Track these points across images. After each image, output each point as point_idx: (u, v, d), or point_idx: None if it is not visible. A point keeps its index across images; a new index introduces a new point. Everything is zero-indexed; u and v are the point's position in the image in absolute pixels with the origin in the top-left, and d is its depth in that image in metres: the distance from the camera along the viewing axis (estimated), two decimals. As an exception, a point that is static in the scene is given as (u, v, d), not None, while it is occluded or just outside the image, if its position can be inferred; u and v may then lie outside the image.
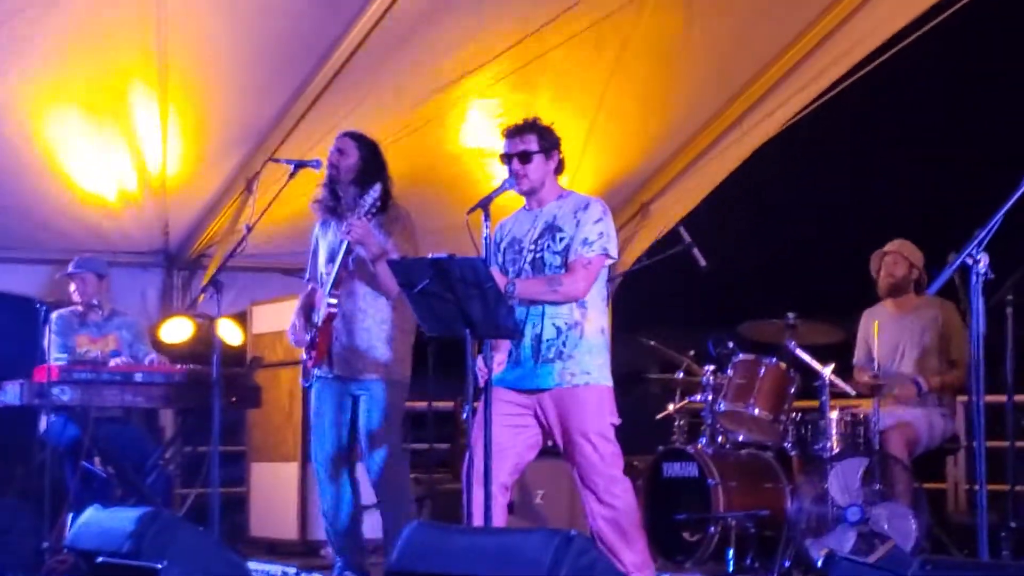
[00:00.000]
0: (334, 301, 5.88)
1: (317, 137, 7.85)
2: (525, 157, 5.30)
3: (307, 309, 6.07)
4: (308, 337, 5.99)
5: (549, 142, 5.35)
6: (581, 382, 5.22)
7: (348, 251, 5.89)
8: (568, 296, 5.21)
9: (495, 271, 5.00)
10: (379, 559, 6.23)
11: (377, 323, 5.98)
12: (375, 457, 5.96)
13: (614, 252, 5.29)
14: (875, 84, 8.14)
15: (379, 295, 5.96)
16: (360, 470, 6.16)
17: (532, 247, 5.31)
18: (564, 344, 5.22)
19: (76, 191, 7.98)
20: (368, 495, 6.19)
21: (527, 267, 5.31)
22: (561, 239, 5.25)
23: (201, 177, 8.20)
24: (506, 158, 5.36)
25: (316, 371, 6.03)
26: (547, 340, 5.23)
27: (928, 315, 6.97)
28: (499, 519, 5.11)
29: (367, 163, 6.01)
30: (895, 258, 7.04)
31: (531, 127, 5.35)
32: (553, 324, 5.24)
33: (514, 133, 5.37)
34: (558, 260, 5.26)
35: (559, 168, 5.42)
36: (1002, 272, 5.26)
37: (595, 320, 5.28)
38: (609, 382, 5.30)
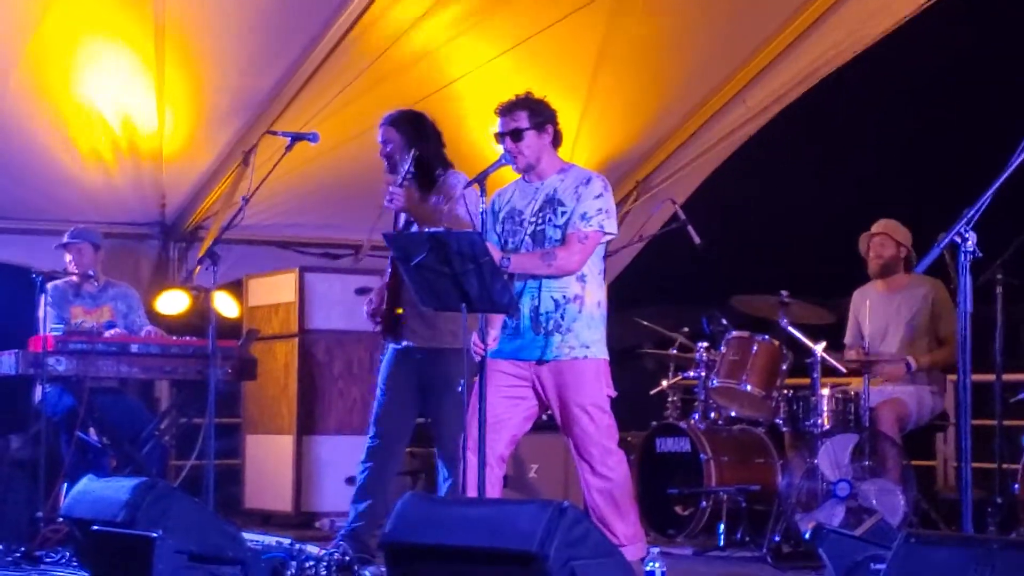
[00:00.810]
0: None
1: (314, 110, 7.88)
2: (517, 135, 5.30)
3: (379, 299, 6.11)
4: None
5: (541, 116, 5.33)
6: (580, 355, 5.25)
7: (408, 222, 5.91)
8: (562, 270, 5.23)
9: (490, 246, 5.02)
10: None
11: None
12: (447, 443, 5.92)
13: (612, 228, 5.30)
14: (873, 62, 8.16)
15: None
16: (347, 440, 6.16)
17: (533, 219, 5.31)
18: (563, 317, 5.25)
19: (72, 162, 8.00)
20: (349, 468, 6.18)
21: (527, 239, 5.31)
22: (563, 213, 5.26)
23: (198, 149, 8.22)
24: (499, 137, 5.35)
25: (389, 343, 6.06)
26: (545, 312, 5.25)
27: (918, 293, 7.00)
28: (495, 490, 5.16)
29: (410, 140, 5.94)
30: (882, 239, 7.07)
31: (521, 103, 5.33)
32: (552, 297, 5.26)
33: (505, 111, 5.36)
34: (559, 234, 5.26)
35: (556, 141, 5.41)
36: (992, 251, 5.32)
37: (594, 294, 5.31)
38: (606, 355, 5.34)
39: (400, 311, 5.94)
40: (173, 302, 8.17)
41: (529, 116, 5.32)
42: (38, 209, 8.19)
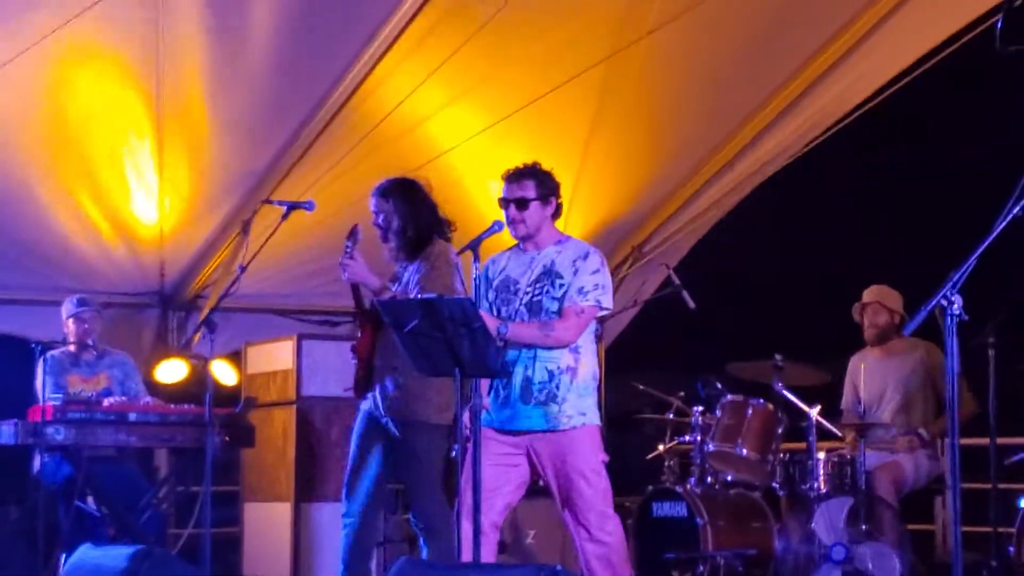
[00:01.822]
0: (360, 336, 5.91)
1: (311, 180, 7.96)
2: (522, 204, 5.33)
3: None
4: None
5: (547, 188, 5.37)
6: (578, 423, 5.28)
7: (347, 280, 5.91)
8: (559, 342, 5.27)
9: (485, 313, 5.06)
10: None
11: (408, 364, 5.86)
12: (418, 509, 5.92)
13: (608, 304, 5.33)
14: (867, 125, 8.25)
15: None
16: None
17: (530, 289, 5.34)
18: (557, 387, 5.27)
19: (73, 233, 8.06)
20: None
21: (523, 309, 5.33)
22: (561, 286, 5.30)
23: (197, 219, 8.28)
24: (504, 203, 5.40)
25: (362, 404, 6.04)
26: (539, 383, 5.28)
27: (914, 357, 7.05)
28: (490, 557, 5.17)
29: (403, 214, 5.95)
30: (875, 308, 7.15)
31: (529, 173, 5.38)
32: (546, 368, 5.29)
33: (513, 178, 5.39)
34: (555, 306, 5.29)
35: (556, 213, 5.46)
36: (983, 314, 5.37)
37: (587, 364, 5.35)
38: (599, 421, 5.38)
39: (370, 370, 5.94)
40: (172, 371, 8.20)
41: (536, 186, 5.36)
42: (39, 280, 8.24)
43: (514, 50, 7.68)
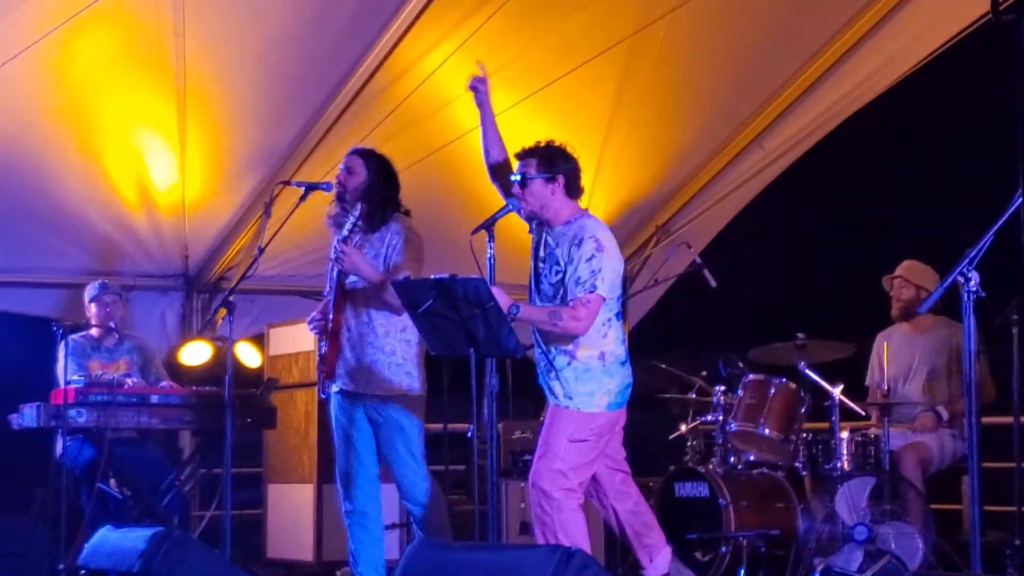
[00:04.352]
0: (332, 316, 5.89)
1: (334, 161, 7.89)
2: (524, 181, 5.37)
3: (323, 316, 6.06)
4: (319, 352, 6.02)
5: (550, 165, 5.38)
6: (562, 404, 5.39)
7: (342, 271, 5.92)
8: (567, 331, 5.31)
9: (498, 291, 5.05)
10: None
11: (384, 338, 5.91)
12: (404, 481, 5.96)
13: (604, 291, 5.29)
14: (891, 105, 8.17)
15: (386, 310, 5.90)
16: (385, 490, 6.17)
17: (537, 264, 5.44)
18: (556, 373, 5.39)
19: (96, 216, 8.08)
20: (388, 514, 6.21)
21: (532, 279, 5.47)
22: (557, 272, 5.34)
23: (219, 201, 8.29)
24: (513, 182, 5.42)
25: (331, 385, 6.05)
26: (541, 372, 5.41)
27: (940, 335, 7.00)
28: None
29: (374, 180, 5.97)
30: (902, 282, 7.09)
31: (533, 151, 5.41)
32: (544, 353, 5.44)
33: (519, 157, 5.47)
34: (551, 291, 5.38)
35: (569, 191, 5.43)
36: (1007, 292, 5.30)
37: (588, 348, 5.36)
38: (591, 408, 5.38)
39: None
40: (196, 353, 8.21)
41: (538, 164, 5.38)
42: (62, 262, 8.27)
43: (538, 30, 7.66)
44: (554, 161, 5.40)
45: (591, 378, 5.34)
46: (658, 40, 7.79)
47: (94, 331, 7.37)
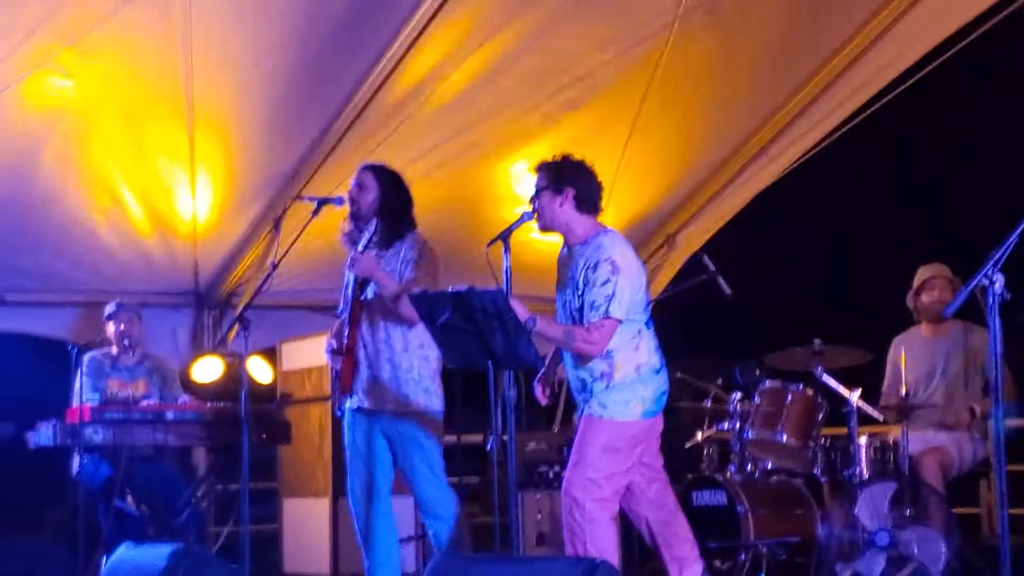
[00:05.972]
0: (347, 332, 5.87)
1: (343, 175, 7.89)
2: (536, 193, 5.37)
3: (339, 340, 6.05)
4: (335, 369, 6.00)
5: (558, 179, 5.34)
6: (596, 414, 5.36)
7: (361, 284, 5.90)
8: (581, 352, 5.30)
9: (516, 303, 5.03)
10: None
11: (401, 354, 5.89)
12: (424, 496, 5.93)
13: (620, 314, 5.25)
14: (900, 108, 8.15)
15: (403, 325, 5.89)
16: (400, 503, 6.16)
17: (561, 284, 5.46)
18: (591, 393, 5.38)
19: (108, 234, 8.07)
20: (403, 528, 6.18)
21: (558, 304, 5.46)
22: (578, 295, 5.33)
23: (230, 217, 8.28)
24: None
25: (347, 401, 6.03)
26: (575, 390, 5.40)
27: (958, 337, 6.97)
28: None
29: (387, 196, 5.96)
30: (943, 283, 7.03)
31: (544, 164, 5.41)
32: (579, 377, 5.37)
33: (536, 170, 5.44)
34: (568, 312, 5.40)
35: (580, 206, 5.39)
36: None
37: (624, 366, 5.34)
38: (626, 417, 5.36)
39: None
40: (208, 369, 8.20)
41: (546, 177, 5.36)
42: (74, 282, 8.26)
43: (547, 46, 7.61)
44: (562, 174, 5.36)
45: (626, 387, 5.33)
46: (679, 53, 7.77)
47: (113, 349, 7.37)
